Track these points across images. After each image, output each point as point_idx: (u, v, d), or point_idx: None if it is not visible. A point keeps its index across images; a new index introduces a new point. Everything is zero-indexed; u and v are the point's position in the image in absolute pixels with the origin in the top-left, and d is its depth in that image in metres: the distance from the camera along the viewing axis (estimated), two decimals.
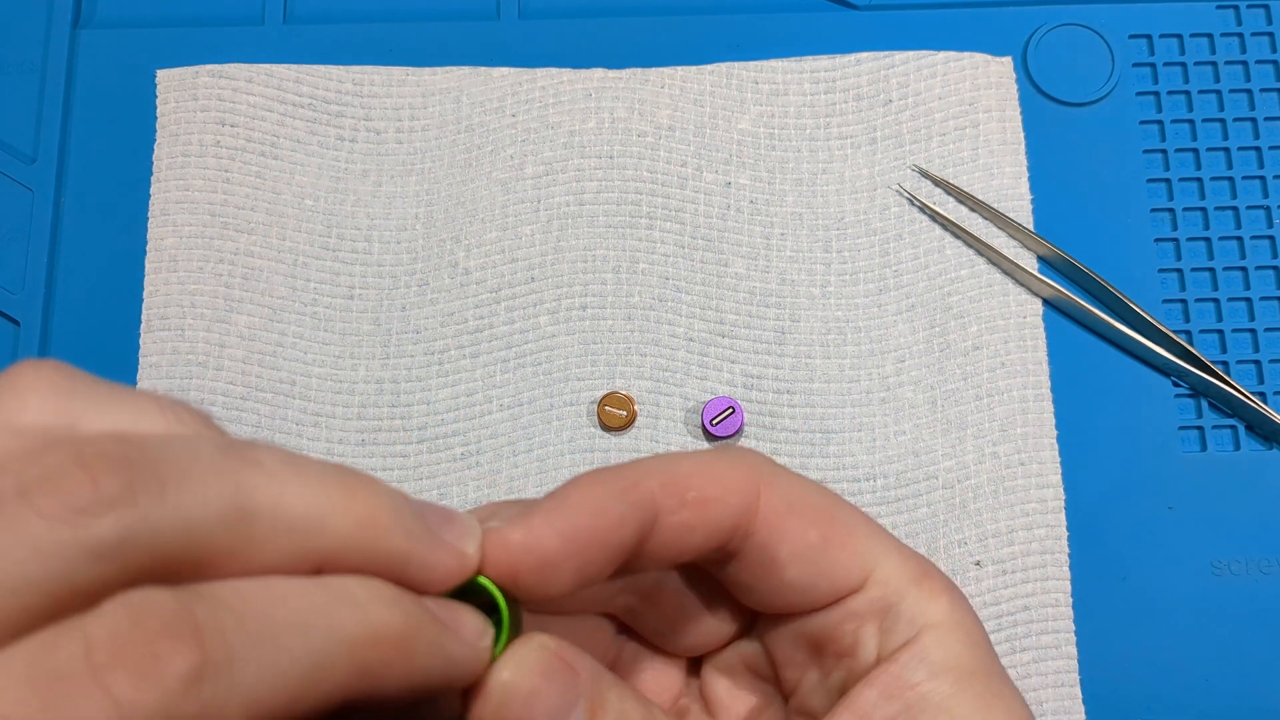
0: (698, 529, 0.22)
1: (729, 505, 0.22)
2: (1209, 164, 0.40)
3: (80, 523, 0.15)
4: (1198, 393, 0.37)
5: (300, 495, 0.17)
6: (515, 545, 0.20)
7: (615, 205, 0.39)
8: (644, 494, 0.21)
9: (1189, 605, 0.36)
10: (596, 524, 0.21)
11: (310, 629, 0.16)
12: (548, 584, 0.21)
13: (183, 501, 0.15)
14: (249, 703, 0.15)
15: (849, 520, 0.24)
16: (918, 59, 0.40)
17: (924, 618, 0.23)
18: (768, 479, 0.23)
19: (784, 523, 0.23)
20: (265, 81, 0.40)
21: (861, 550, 0.23)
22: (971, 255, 0.38)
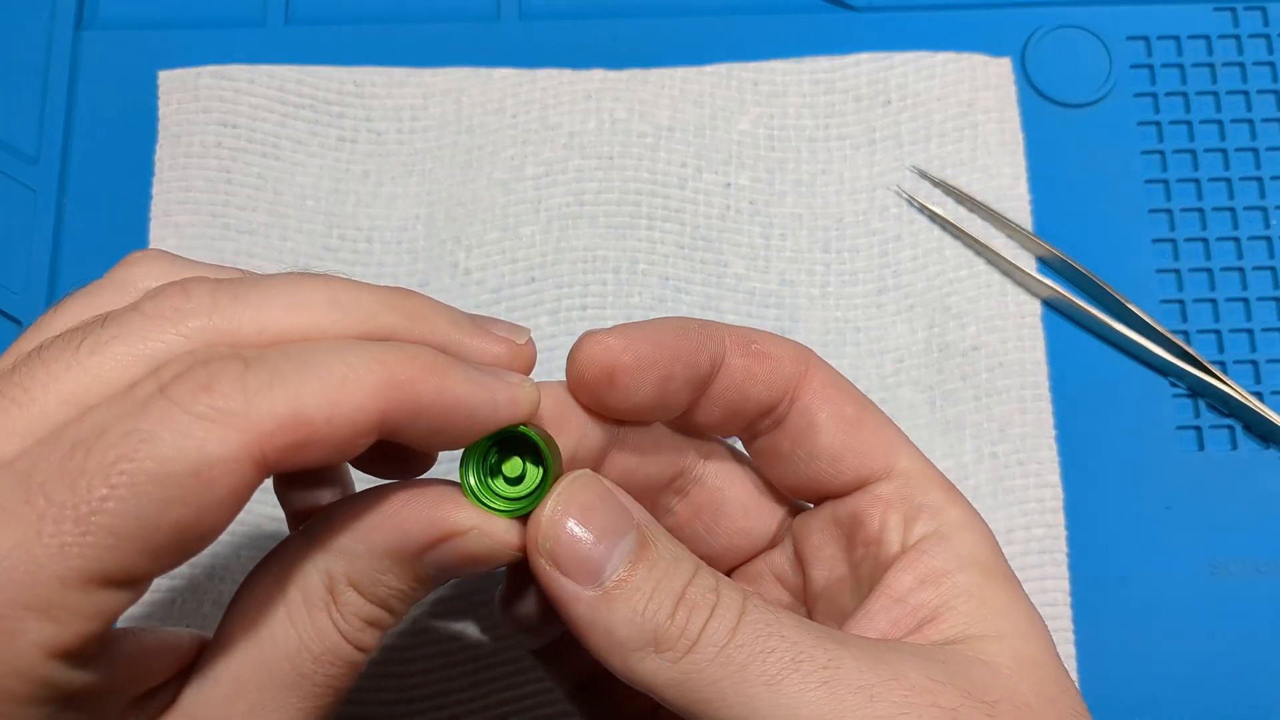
0: (757, 376, 0.25)
1: (783, 363, 0.25)
2: (1206, 165, 0.40)
3: (174, 318, 0.20)
4: (1195, 393, 0.38)
5: (353, 292, 0.21)
6: (614, 344, 0.23)
7: (615, 206, 0.39)
8: (717, 333, 0.25)
9: (1187, 605, 0.36)
10: (679, 342, 0.24)
11: (349, 351, 0.20)
12: (635, 388, 0.23)
13: (253, 297, 0.20)
14: (289, 401, 0.18)
15: (881, 418, 0.26)
16: (916, 60, 0.40)
17: (946, 514, 0.25)
18: (816, 361, 0.26)
19: (826, 392, 0.26)
20: (266, 82, 0.40)
21: (890, 443, 0.26)
22: (970, 256, 0.39)
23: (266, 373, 0.19)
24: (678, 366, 0.24)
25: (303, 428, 0.19)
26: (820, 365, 0.26)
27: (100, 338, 0.19)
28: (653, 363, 0.23)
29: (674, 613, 0.21)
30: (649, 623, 0.21)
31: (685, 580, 0.22)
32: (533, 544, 0.22)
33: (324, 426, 0.19)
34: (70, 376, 0.19)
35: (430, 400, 0.20)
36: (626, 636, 0.21)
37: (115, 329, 0.20)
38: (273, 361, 0.19)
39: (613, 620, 0.21)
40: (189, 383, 0.18)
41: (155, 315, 0.20)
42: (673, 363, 0.24)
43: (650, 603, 0.21)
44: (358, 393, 0.19)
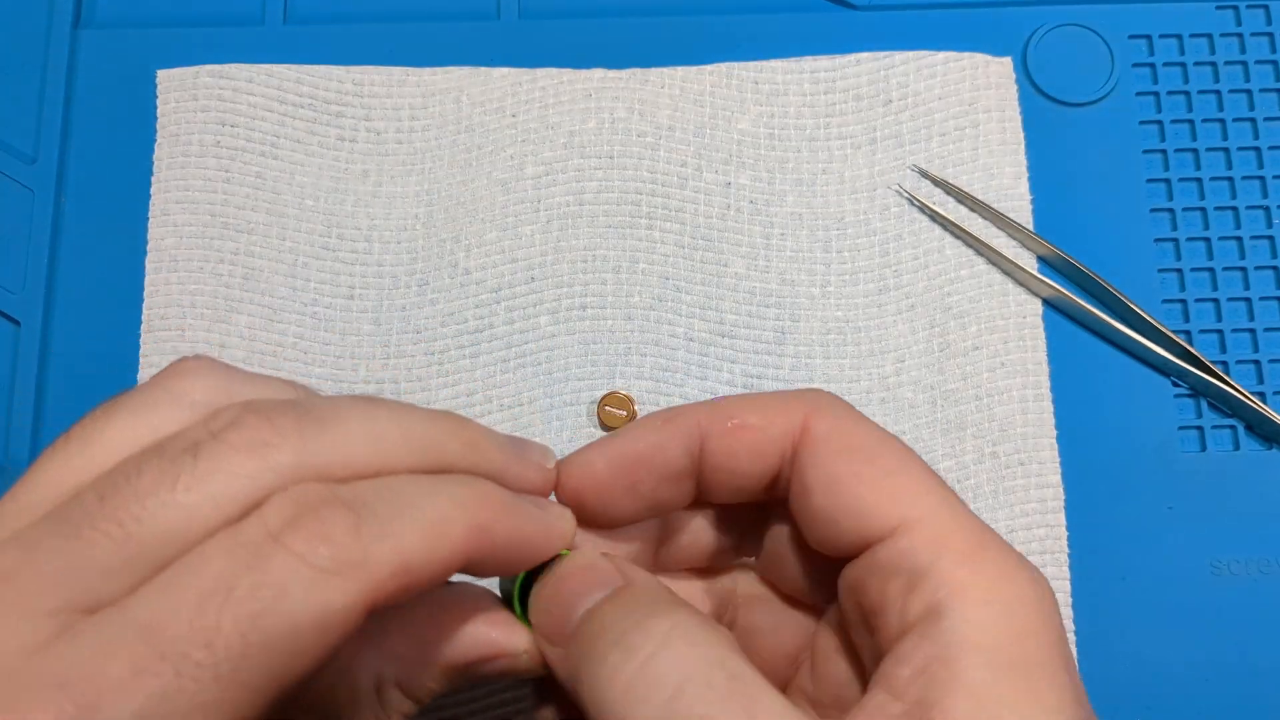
0: (741, 453, 0.24)
1: (769, 430, 0.24)
2: (1208, 164, 0.40)
3: (264, 452, 0.19)
4: (1197, 393, 0.38)
5: (420, 423, 0.22)
6: (574, 471, 0.24)
7: (615, 205, 0.39)
8: (687, 421, 0.24)
9: (1188, 605, 0.36)
10: (638, 448, 0.24)
11: (436, 495, 0.21)
12: (607, 504, 0.25)
13: (337, 431, 0.21)
14: (398, 550, 0.19)
15: (892, 463, 0.23)
16: (917, 59, 0.40)
17: (957, 585, 0.21)
18: (817, 410, 0.24)
19: (819, 448, 0.23)
20: (265, 82, 0.40)
21: (896, 495, 0.22)
22: (971, 255, 0.38)
23: (376, 522, 0.19)
24: (641, 474, 0.24)
25: (410, 574, 0.20)
26: (820, 416, 0.24)
27: (195, 473, 0.19)
28: (613, 478, 0.24)
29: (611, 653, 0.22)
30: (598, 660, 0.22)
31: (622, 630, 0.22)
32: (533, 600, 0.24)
33: (424, 570, 0.20)
34: (167, 513, 0.19)
35: (504, 540, 0.22)
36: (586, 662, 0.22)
37: (208, 462, 0.19)
38: (376, 508, 0.20)
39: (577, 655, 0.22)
40: (305, 532, 0.19)
41: (243, 449, 0.20)
42: (633, 471, 0.24)
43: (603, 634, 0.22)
44: (451, 538, 0.20)
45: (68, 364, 0.38)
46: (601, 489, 0.24)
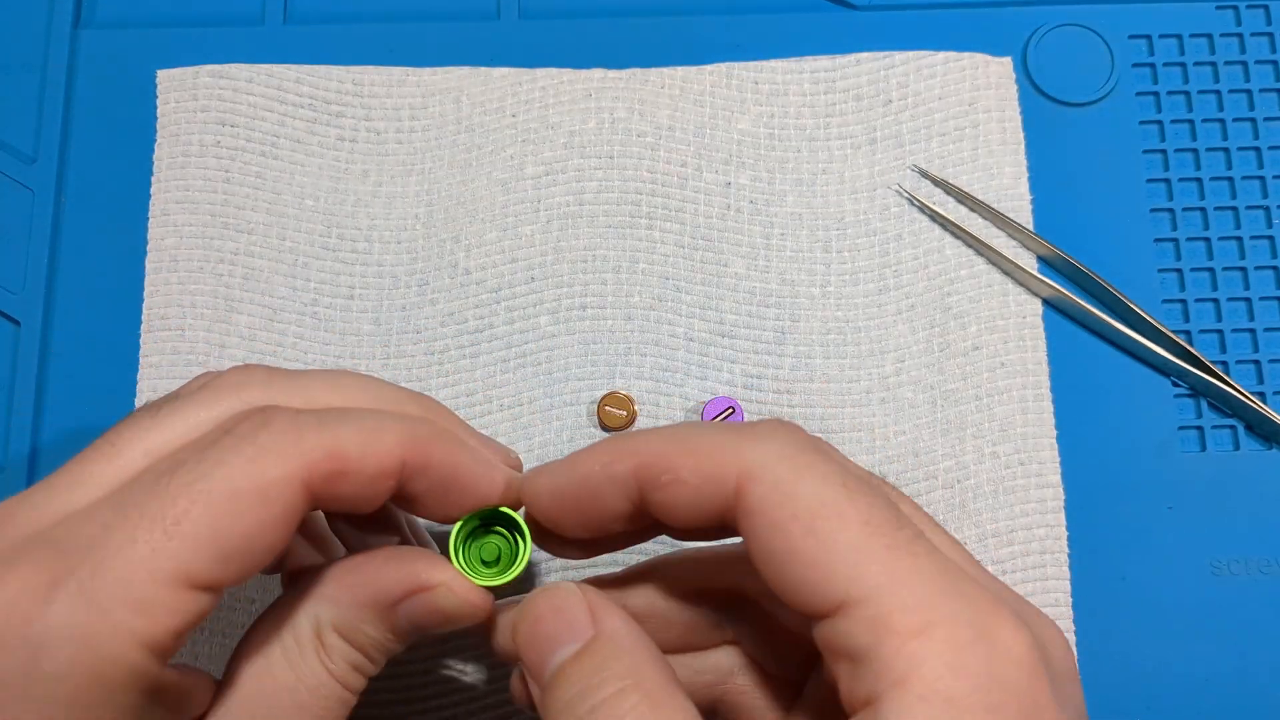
0: (677, 508, 0.23)
1: (701, 492, 0.23)
2: (1208, 164, 0.40)
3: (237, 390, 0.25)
4: (1197, 393, 0.38)
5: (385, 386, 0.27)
6: (524, 493, 0.26)
7: (615, 205, 0.39)
8: (623, 470, 0.24)
9: (1188, 605, 0.36)
10: (580, 490, 0.25)
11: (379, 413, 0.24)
12: (562, 528, 0.26)
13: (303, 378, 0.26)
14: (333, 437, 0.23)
15: (833, 533, 0.21)
16: (917, 59, 0.40)
17: (895, 675, 0.20)
18: (755, 470, 0.22)
19: (754, 523, 0.22)
20: (265, 82, 0.40)
21: (833, 572, 0.21)
22: (971, 255, 0.38)
23: (314, 418, 0.23)
24: (584, 509, 0.25)
25: (340, 460, 0.23)
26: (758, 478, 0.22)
27: (174, 405, 0.24)
28: (558, 511, 0.25)
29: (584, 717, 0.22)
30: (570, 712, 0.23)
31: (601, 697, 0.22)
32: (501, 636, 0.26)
33: (357, 461, 0.23)
34: (151, 435, 0.24)
35: (440, 460, 0.25)
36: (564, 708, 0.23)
37: (188, 399, 0.24)
38: (318, 412, 0.24)
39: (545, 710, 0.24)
40: (249, 423, 0.23)
41: (220, 388, 0.25)
42: (575, 509, 0.25)
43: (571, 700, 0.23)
44: (385, 439, 0.24)
45: (68, 364, 0.38)
46: (552, 516, 0.25)
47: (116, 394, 0.38)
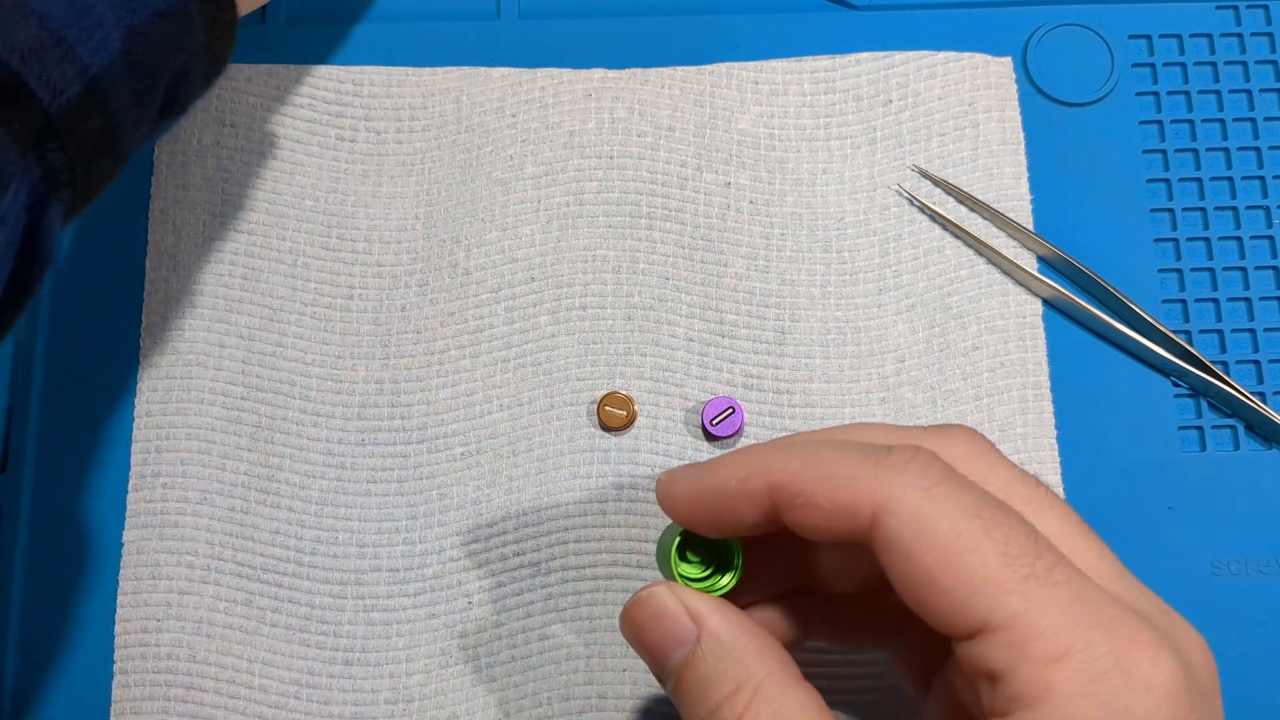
0: (811, 528, 0.24)
1: (835, 518, 0.23)
2: (1208, 164, 0.40)
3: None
4: (1197, 393, 0.38)
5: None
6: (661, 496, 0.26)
7: (615, 205, 0.39)
8: (758, 486, 0.24)
9: (1189, 605, 0.35)
10: (715, 499, 0.25)
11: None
12: (693, 527, 0.26)
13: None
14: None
15: (971, 566, 0.21)
16: (917, 59, 0.40)
17: (1030, 698, 0.20)
18: (890, 502, 0.22)
19: (891, 555, 0.22)
20: (265, 81, 0.40)
21: (973, 603, 0.21)
22: (971, 255, 0.38)
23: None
24: (723, 519, 0.26)
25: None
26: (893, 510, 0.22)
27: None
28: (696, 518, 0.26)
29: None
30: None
31: (715, 701, 0.24)
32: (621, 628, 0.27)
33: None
34: None
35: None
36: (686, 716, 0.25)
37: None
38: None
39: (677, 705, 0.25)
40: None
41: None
42: (713, 517, 0.26)
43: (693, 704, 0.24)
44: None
45: (68, 364, 0.38)
46: (688, 521, 0.26)
47: (116, 394, 0.38)
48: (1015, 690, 0.21)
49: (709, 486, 0.25)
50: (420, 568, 0.36)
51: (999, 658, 0.21)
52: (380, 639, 0.35)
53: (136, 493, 0.37)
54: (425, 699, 0.35)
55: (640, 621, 0.25)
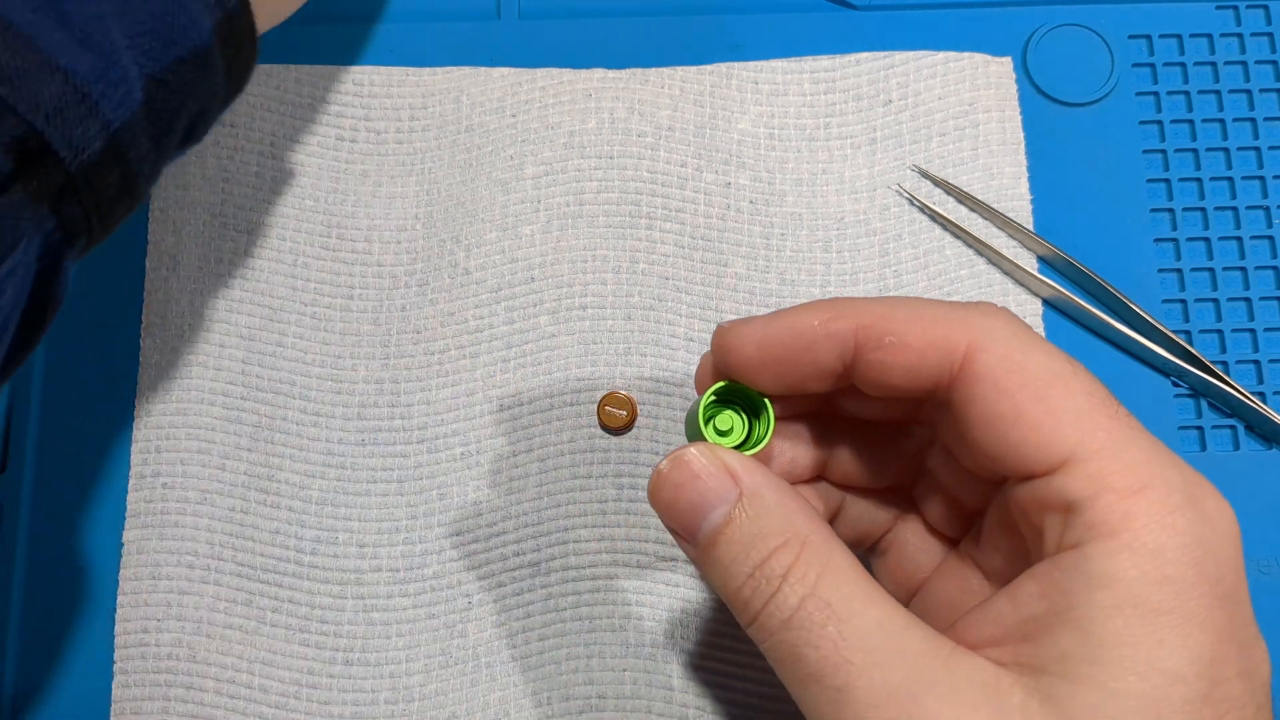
0: (895, 370, 0.24)
1: (925, 357, 0.24)
2: (1208, 164, 0.40)
3: None
4: (1197, 393, 0.38)
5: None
6: (728, 343, 0.26)
7: (615, 205, 0.39)
8: (843, 327, 0.24)
9: None
10: (791, 343, 0.25)
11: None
12: (753, 380, 0.26)
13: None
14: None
15: (1060, 398, 0.23)
16: (917, 59, 0.40)
17: (1107, 525, 0.21)
18: (984, 340, 0.23)
19: (981, 388, 0.23)
20: (265, 82, 0.40)
21: (1059, 434, 0.22)
22: (971, 255, 0.38)
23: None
24: (790, 366, 0.25)
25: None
26: (986, 347, 0.23)
27: None
28: (760, 363, 0.25)
29: (743, 584, 0.24)
30: (730, 585, 0.24)
31: (762, 556, 0.23)
32: (651, 494, 0.25)
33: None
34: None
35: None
36: (720, 586, 0.24)
37: None
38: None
39: (709, 572, 0.24)
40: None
41: None
42: (781, 363, 0.25)
43: (732, 564, 0.24)
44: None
45: (68, 364, 0.38)
46: (749, 368, 0.25)
47: (116, 394, 0.38)
48: (1094, 519, 0.21)
49: (786, 328, 0.25)
50: (420, 568, 0.36)
51: (1079, 488, 0.22)
52: (380, 639, 0.35)
53: (136, 493, 0.37)
54: (425, 699, 0.35)
55: (677, 481, 0.24)
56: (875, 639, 0.22)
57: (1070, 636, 0.21)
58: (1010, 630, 0.22)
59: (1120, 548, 0.21)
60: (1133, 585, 0.21)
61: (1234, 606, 0.22)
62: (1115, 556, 0.21)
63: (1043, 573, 0.22)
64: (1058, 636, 0.21)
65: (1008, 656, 0.22)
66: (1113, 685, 0.21)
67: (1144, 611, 0.21)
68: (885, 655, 0.22)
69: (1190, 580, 0.21)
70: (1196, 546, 0.21)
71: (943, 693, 0.21)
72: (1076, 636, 0.21)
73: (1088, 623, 0.21)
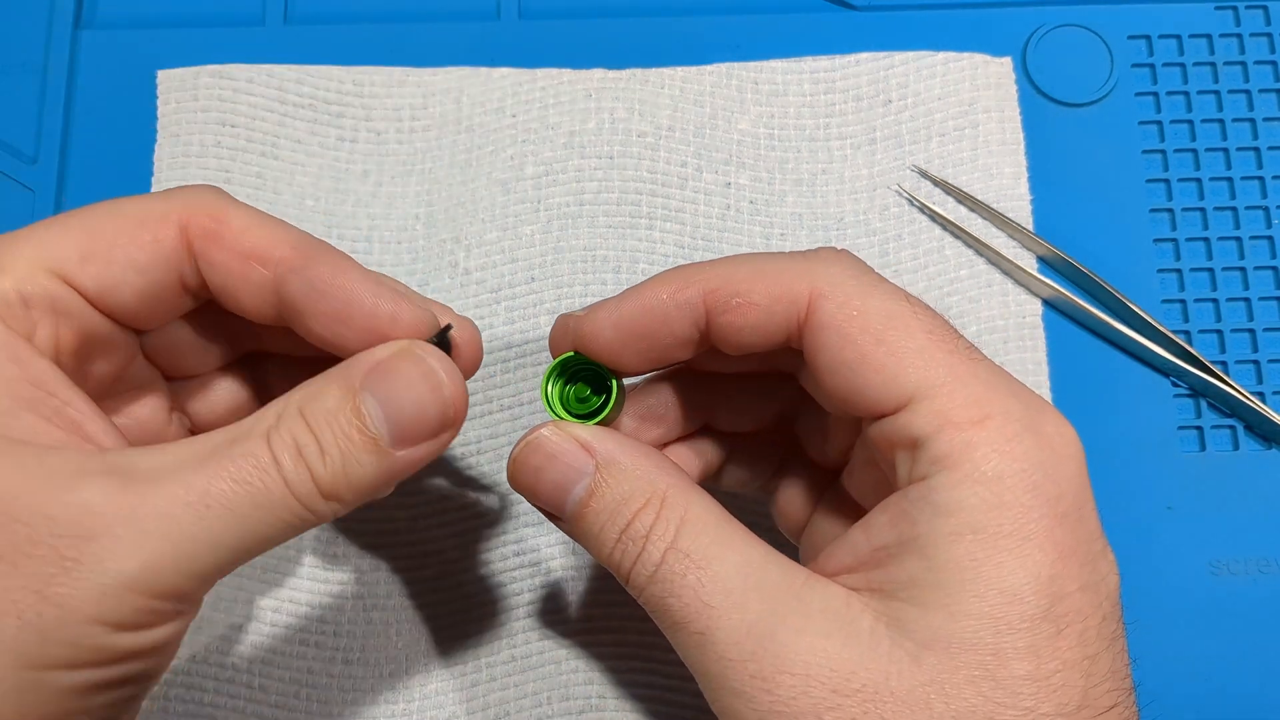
0: (745, 329, 0.25)
1: (772, 312, 0.24)
2: (1208, 164, 0.40)
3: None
4: (1197, 392, 0.38)
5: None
6: (586, 331, 0.26)
7: (615, 205, 0.39)
8: (691, 295, 0.25)
9: (1188, 605, 0.36)
10: (645, 319, 0.25)
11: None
12: (619, 363, 0.26)
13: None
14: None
15: (901, 340, 0.23)
16: (917, 59, 0.40)
17: (951, 459, 0.22)
18: (825, 288, 0.24)
19: (825, 335, 0.24)
20: (266, 82, 0.40)
21: (903, 376, 0.23)
22: (971, 255, 0.38)
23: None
24: (648, 342, 0.26)
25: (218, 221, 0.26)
26: (829, 295, 0.24)
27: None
28: (620, 344, 0.26)
29: (613, 549, 0.25)
30: (602, 551, 0.25)
31: (626, 520, 0.24)
32: (512, 479, 0.26)
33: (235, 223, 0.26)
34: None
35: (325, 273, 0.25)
36: (594, 553, 0.25)
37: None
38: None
39: (583, 543, 0.26)
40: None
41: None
42: (640, 340, 0.26)
43: (601, 532, 0.25)
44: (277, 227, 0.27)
45: None
46: (611, 350, 0.26)
47: None
48: (937, 452, 0.22)
49: (637, 306, 0.25)
50: (420, 569, 0.36)
51: (923, 424, 0.23)
52: (380, 639, 0.35)
53: None
54: (425, 699, 0.35)
55: (536, 464, 0.25)
56: (734, 580, 0.23)
57: (916, 563, 0.22)
58: (864, 558, 0.24)
59: (962, 478, 0.22)
60: (973, 512, 0.22)
61: (1077, 524, 0.23)
62: (957, 487, 0.22)
63: (892, 504, 0.23)
64: (905, 563, 0.22)
65: (861, 582, 0.23)
66: (954, 607, 0.22)
67: (983, 536, 0.22)
68: (743, 595, 0.23)
69: (1027, 504, 0.22)
70: (1034, 471, 0.22)
71: (796, 624, 0.22)
72: (922, 563, 0.22)
73: (932, 550, 0.22)
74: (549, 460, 0.25)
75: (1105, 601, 0.23)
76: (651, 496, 0.24)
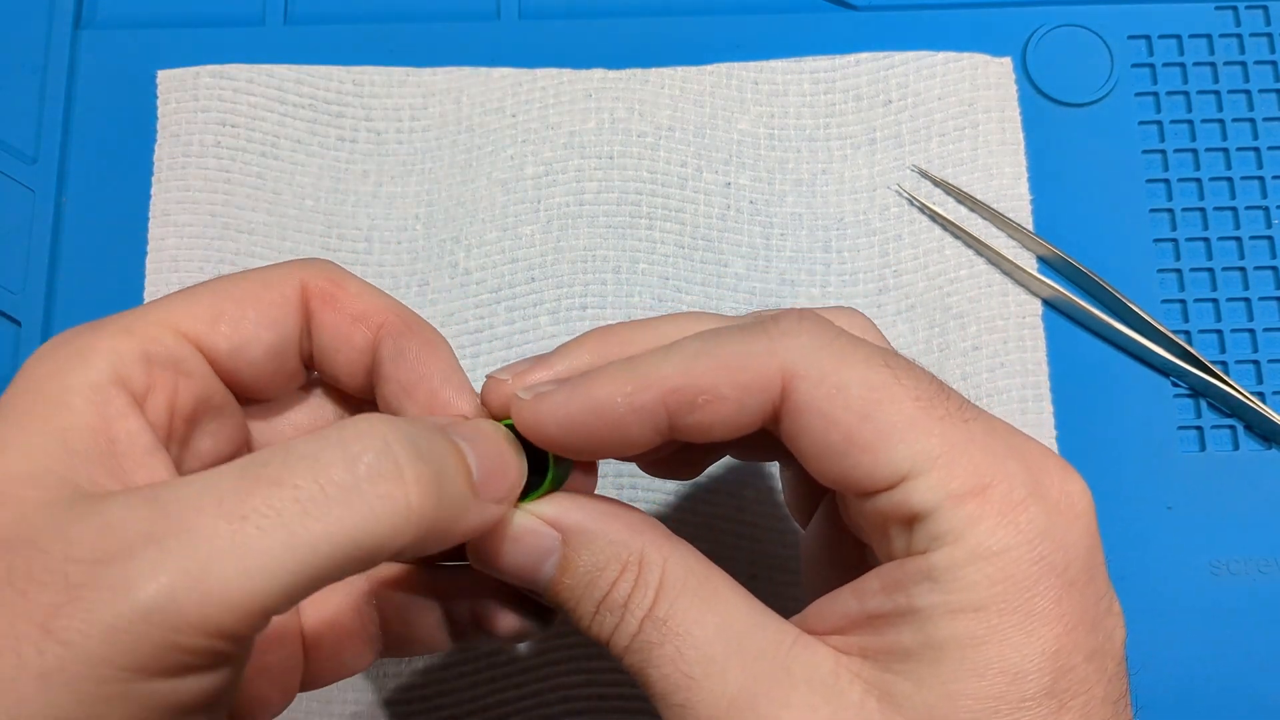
0: (715, 426, 0.23)
1: (743, 405, 0.22)
2: (1208, 164, 0.40)
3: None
4: (1197, 393, 0.38)
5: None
6: (525, 417, 0.23)
7: (615, 205, 0.39)
8: (648, 400, 0.22)
9: (1187, 605, 0.36)
10: (596, 424, 0.23)
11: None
12: (563, 452, 0.24)
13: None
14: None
15: (889, 417, 0.21)
16: (917, 59, 0.40)
17: (953, 534, 0.21)
18: (797, 366, 0.22)
19: (806, 419, 0.22)
20: (266, 82, 0.40)
21: (895, 453, 0.21)
22: (971, 255, 0.38)
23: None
24: (596, 442, 0.23)
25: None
26: (804, 375, 0.22)
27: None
28: (566, 441, 0.23)
29: (591, 622, 0.23)
30: (582, 624, 0.24)
31: (603, 591, 0.23)
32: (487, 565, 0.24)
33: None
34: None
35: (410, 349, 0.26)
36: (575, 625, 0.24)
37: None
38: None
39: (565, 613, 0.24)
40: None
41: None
42: (588, 441, 0.23)
43: (578, 606, 0.24)
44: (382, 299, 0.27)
45: None
46: (556, 446, 0.24)
47: None
48: (937, 529, 0.21)
49: (587, 408, 0.23)
50: None
51: (920, 500, 0.21)
52: None
53: None
54: (425, 699, 0.35)
55: (503, 551, 0.23)
56: (715, 647, 0.22)
57: (912, 636, 0.21)
58: (856, 620, 0.22)
59: (963, 555, 0.21)
60: (976, 589, 0.21)
61: (1086, 587, 0.21)
62: (959, 564, 0.21)
63: (886, 573, 0.22)
64: (901, 633, 0.21)
65: (852, 646, 0.22)
66: (952, 686, 0.20)
67: (987, 614, 0.21)
68: (724, 663, 0.22)
69: (1034, 577, 0.21)
70: (1040, 541, 0.21)
71: (779, 696, 0.21)
72: (918, 637, 0.21)
73: (931, 626, 0.21)
74: (513, 543, 0.23)
75: (1110, 663, 0.22)
76: (627, 561, 0.23)
